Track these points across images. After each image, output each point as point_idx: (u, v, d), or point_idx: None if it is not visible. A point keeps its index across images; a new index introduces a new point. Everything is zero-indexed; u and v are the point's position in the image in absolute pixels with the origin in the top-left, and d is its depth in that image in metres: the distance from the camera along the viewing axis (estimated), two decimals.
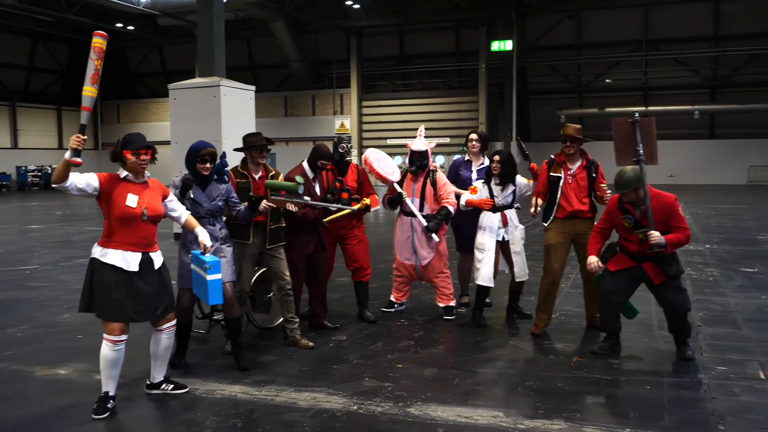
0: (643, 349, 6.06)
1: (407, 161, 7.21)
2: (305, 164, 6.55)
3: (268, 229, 5.94)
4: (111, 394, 4.66)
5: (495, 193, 6.73)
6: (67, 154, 4.33)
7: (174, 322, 4.95)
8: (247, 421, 4.51)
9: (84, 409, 4.69)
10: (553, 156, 6.61)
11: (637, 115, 5.80)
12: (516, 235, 6.81)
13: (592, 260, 5.84)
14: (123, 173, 4.64)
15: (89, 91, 4.51)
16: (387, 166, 7.14)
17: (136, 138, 4.65)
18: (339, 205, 6.53)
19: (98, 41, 4.56)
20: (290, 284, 6.05)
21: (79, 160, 4.35)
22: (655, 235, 5.47)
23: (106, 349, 4.60)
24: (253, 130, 14.17)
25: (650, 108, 34.46)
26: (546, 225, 6.57)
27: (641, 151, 5.70)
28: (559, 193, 6.44)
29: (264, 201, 5.67)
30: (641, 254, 5.67)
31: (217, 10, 14.72)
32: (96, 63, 4.53)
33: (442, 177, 7.14)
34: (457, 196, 7.10)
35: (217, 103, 13.58)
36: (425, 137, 7.27)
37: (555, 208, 6.47)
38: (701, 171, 35.65)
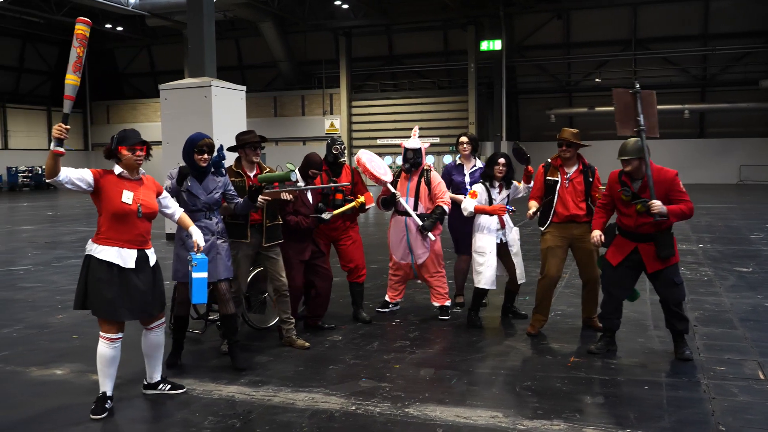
0: (638, 349, 6.06)
1: (399, 160, 7.19)
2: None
3: (265, 227, 5.90)
4: (109, 394, 4.63)
5: (493, 196, 6.71)
6: (52, 145, 4.28)
7: (163, 320, 4.92)
8: (245, 422, 4.48)
9: (81, 409, 4.66)
10: (549, 160, 6.59)
11: (638, 86, 5.79)
12: (513, 236, 6.79)
13: (596, 233, 5.87)
14: (118, 170, 4.59)
15: (72, 79, 4.41)
16: (379, 167, 7.14)
17: (131, 134, 4.63)
18: (334, 184, 6.54)
19: (81, 28, 4.45)
20: (286, 286, 6.01)
21: (61, 149, 4.25)
22: (657, 204, 5.44)
23: (103, 347, 4.57)
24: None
25: None
26: (543, 229, 6.55)
27: (642, 122, 5.69)
28: (556, 197, 6.44)
29: (260, 196, 5.65)
30: (638, 228, 5.66)
31: (207, 10, 14.65)
32: (78, 50, 4.43)
33: (436, 176, 7.13)
34: (455, 202, 7.09)
35: (209, 104, 13.56)
36: (419, 137, 7.28)
37: (552, 212, 6.46)
38: (691, 170, 35.70)
